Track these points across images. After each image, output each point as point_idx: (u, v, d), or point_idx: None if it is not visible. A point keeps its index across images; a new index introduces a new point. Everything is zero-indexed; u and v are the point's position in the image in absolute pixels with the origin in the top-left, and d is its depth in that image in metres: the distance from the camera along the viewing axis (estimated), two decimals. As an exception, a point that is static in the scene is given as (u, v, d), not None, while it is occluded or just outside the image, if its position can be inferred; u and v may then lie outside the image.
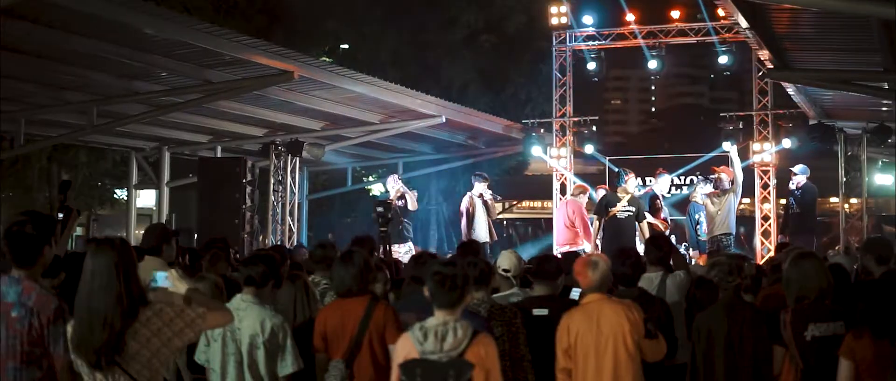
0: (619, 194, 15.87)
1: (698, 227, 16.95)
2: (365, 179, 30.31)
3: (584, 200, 17.64)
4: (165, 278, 5.10)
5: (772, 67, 13.08)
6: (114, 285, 4.76)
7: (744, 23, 10.60)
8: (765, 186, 20.60)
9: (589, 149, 21.70)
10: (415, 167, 25.97)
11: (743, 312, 6.88)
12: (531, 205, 39.54)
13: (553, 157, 22.03)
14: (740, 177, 15.93)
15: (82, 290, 4.83)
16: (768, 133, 20.51)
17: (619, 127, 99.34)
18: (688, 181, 20.97)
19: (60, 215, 10.60)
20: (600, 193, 17.16)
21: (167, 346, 4.83)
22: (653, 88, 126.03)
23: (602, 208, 16.07)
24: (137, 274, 4.99)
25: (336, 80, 16.05)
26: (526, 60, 29.71)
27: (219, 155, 20.83)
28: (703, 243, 16.68)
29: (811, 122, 18.04)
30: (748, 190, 19.69)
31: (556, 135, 22.29)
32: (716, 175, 16.49)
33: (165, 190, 21.00)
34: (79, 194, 25.67)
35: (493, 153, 25.49)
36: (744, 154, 20.49)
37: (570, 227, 17.19)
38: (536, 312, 7.29)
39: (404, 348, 5.47)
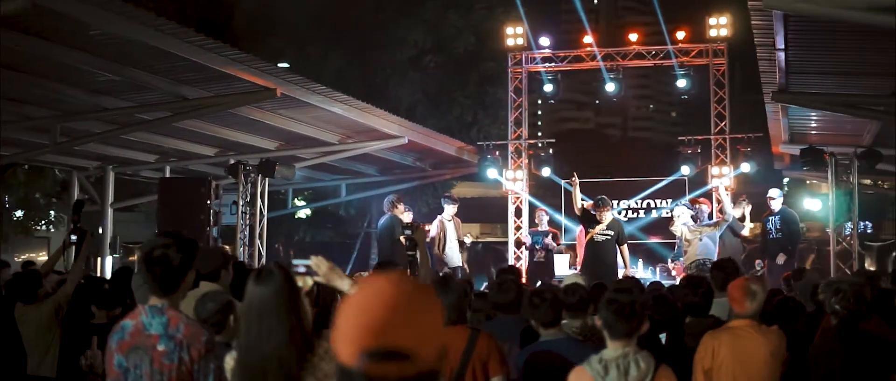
0: (597, 218, 15.63)
1: None
2: (292, 202, 29.43)
3: None
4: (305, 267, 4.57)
5: (777, 90, 13.03)
6: (285, 320, 4.22)
7: (780, 44, 10.46)
8: (722, 211, 20.59)
9: (546, 171, 21.46)
10: (356, 190, 25.46)
11: (861, 340, 6.63)
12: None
13: (509, 179, 21.75)
14: (730, 214, 15.84)
15: (250, 330, 4.25)
16: (726, 157, 20.57)
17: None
18: (645, 205, 20.95)
19: (73, 238, 9.94)
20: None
21: None
22: (539, 113, 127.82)
23: (586, 223, 15.86)
24: (303, 302, 4.49)
25: (312, 98, 15.51)
26: (473, 82, 29.45)
27: (167, 175, 20.00)
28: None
29: (783, 147, 18.18)
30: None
31: (512, 157, 22.01)
32: (697, 206, 16.43)
33: (109, 212, 20.06)
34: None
35: (439, 176, 25.15)
36: (702, 177, 20.55)
37: None
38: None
39: (581, 382, 5.06)
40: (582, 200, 16.25)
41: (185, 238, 4.86)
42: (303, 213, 34.22)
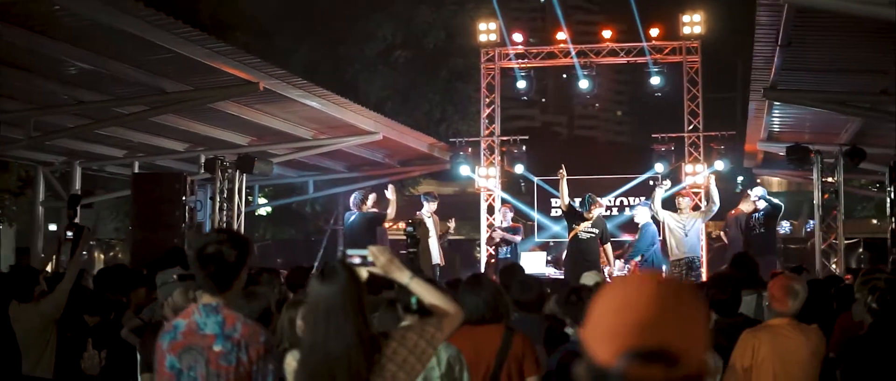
0: (587, 216, 15.52)
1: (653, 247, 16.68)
2: (257, 199, 28.94)
3: None
4: (360, 258, 4.31)
5: (768, 87, 13.02)
6: (351, 320, 4.03)
7: (782, 42, 10.40)
8: (695, 208, 20.61)
9: (519, 168, 21.32)
10: (324, 186, 25.15)
11: (899, 338, 6.55)
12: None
13: (482, 176, 21.57)
14: (717, 204, 15.84)
15: (316, 331, 4.06)
16: (699, 155, 20.58)
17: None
18: (618, 202, 20.90)
19: (69, 234, 9.64)
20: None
21: (411, 375, 4.12)
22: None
23: (570, 219, 15.76)
24: (367, 299, 4.28)
25: (293, 92, 15.25)
26: (442, 78, 29.23)
27: (135, 170, 19.53)
28: (658, 262, 16.50)
29: (760, 145, 18.23)
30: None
31: (484, 154, 21.84)
32: (680, 199, 16.46)
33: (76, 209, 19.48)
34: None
35: (408, 172, 24.91)
36: (676, 175, 20.52)
37: None
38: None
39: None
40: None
41: (238, 234, 4.64)
42: (263, 210, 33.79)
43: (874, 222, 36.62)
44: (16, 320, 8.27)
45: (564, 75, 28.06)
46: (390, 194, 16.09)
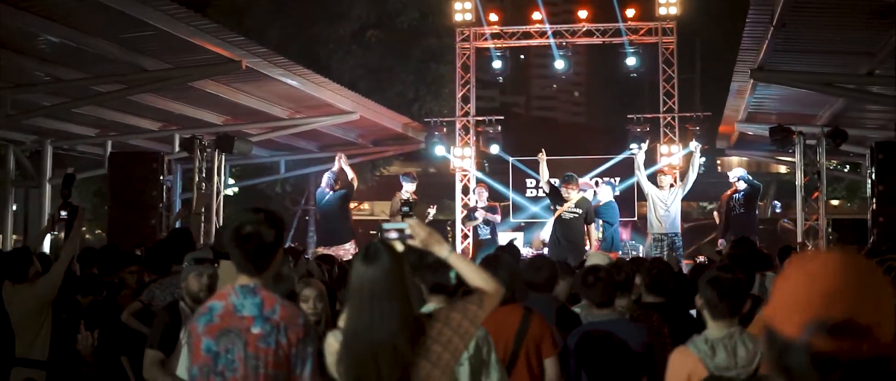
0: (564, 196, 15.45)
1: (611, 227, 16.67)
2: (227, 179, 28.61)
3: None
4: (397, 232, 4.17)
5: (756, 68, 13.03)
6: (397, 303, 3.93)
7: (777, 22, 10.39)
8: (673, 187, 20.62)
9: (494, 149, 21.23)
10: (295, 166, 24.98)
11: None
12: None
13: (457, 157, 21.46)
14: (692, 178, 15.89)
15: (360, 315, 3.95)
16: (674, 136, 20.58)
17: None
18: (593, 182, 20.83)
19: (63, 213, 9.46)
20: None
21: (455, 356, 4.05)
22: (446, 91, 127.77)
23: (553, 200, 15.72)
24: (411, 280, 4.18)
25: (274, 70, 15.07)
26: (415, 58, 29.01)
27: (108, 150, 19.23)
28: (617, 244, 16.50)
29: (739, 126, 18.27)
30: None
31: (459, 134, 21.73)
32: (661, 175, 16.50)
33: (48, 188, 19.16)
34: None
35: (381, 152, 24.79)
36: (652, 156, 20.50)
37: None
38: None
39: (686, 363, 4.82)
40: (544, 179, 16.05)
41: (274, 213, 4.51)
42: (229, 190, 33.42)
43: (834, 202, 37.02)
44: (10, 301, 8.11)
45: (522, 56, 27.58)
46: (343, 163, 16.17)
